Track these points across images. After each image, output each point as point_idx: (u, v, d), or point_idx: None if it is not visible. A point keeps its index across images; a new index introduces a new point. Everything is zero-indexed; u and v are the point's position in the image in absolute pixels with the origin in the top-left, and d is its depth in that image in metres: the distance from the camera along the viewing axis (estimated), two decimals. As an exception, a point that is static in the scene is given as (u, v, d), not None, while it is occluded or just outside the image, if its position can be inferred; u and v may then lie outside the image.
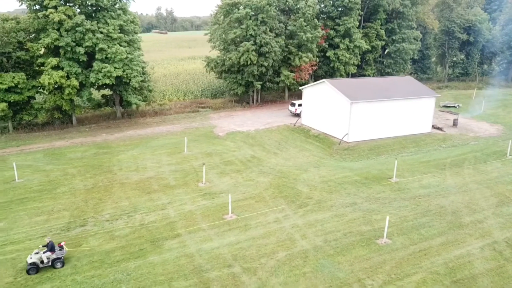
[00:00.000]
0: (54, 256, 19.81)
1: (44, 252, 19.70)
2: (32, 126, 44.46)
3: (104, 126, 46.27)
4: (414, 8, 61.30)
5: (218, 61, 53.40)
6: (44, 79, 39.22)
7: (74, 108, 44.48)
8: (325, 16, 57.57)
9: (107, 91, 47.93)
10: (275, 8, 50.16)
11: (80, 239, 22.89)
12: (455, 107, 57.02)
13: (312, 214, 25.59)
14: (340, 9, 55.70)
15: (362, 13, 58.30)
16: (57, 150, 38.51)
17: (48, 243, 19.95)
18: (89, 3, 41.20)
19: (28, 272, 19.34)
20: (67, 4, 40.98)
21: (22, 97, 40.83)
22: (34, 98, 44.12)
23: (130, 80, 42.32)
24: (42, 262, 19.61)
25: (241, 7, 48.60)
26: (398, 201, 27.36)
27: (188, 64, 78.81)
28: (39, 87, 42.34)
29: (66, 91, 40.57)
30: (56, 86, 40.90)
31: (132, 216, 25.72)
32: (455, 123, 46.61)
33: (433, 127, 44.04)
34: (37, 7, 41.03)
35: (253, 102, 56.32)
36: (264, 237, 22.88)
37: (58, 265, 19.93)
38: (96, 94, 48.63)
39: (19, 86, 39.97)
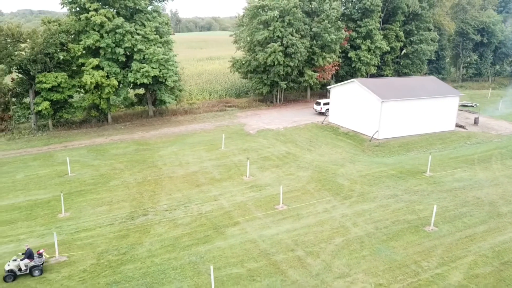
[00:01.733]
0: (32, 263, 19.51)
1: (22, 260, 19.45)
2: (70, 124, 46.22)
3: (138, 124, 48.04)
4: (432, 10, 63.04)
5: (244, 62, 55.15)
6: (87, 78, 40.96)
7: (110, 107, 46.20)
8: (345, 18, 59.15)
9: (140, 91, 49.65)
10: (301, 11, 51.87)
11: (147, 227, 24.61)
12: (472, 106, 58.65)
13: (357, 204, 27.30)
14: (361, 11, 57.37)
15: (382, 15, 60.00)
16: (99, 147, 40.25)
17: (26, 251, 19.64)
18: (128, 6, 42.79)
19: (5, 279, 19.08)
20: (106, 7, 42.71)
21: (63, 96, 42.57)
22: (72, 97, 45.80)
23: (166, 79, 44.08)
24: (20, 269, 19.38)
25: (268, 10, 50.29)
26: (436, 193, 29.04)
27: (207, 64, 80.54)
28: (78, 86, 44.11)
29: (106, 90, 42.32)
30: (95, 85, 42.50)
31: (188, 206, 27.44)
32: (476, 122, 48.25)
33: (456, 125, 45.70)
34: (77, 9, 42.79)
35: (276, 101, 58.09)
36: (318, 225, 24.59)
37: (36, 272, 19.52)
38: (130, 93, 50.30)
39: (62, 85, 41.72)
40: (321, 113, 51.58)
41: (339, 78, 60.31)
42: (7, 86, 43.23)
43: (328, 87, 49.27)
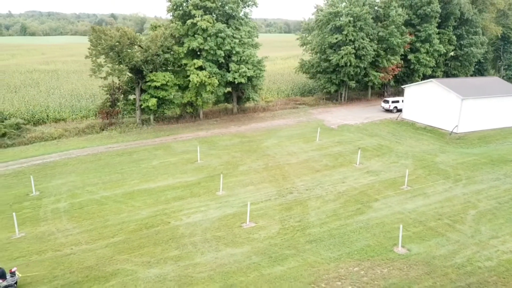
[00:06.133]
0: (5, 283, 18.84)
1: None
2: (169, 119, 50.83)
3: (227, 120, 52.61)
4: (481, 16, 67.53)
5: (313, 63, 59.73)
6: (193, 77, 45.52)
7: (203, 104, 50.72)
8: (405, 23, 63.43)
9: (228, 89, 54.15)
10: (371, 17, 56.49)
11: (302, 201, 29.03)
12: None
13: (470, 186, 31.70)
14: (420, 17, 61.79)
15: (439, 20, 64.44)
16: (205, 139, 44.73)
17: None
18: (227, 12, 47.39)
19: None
20: (207, 13, 47.28)
21: (167, 93, 47.12)
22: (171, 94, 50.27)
23: (258, 79, 48.65)
24: None
25: (342, 16, 54.84)
26: (533, 177, 33.50)
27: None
28: (177, 85, 48.65)
29: (207, 89, 46.87)
30: (198, 84, 46.97)
31: (323, 186, 31.87)
32: (534, 118, 52.63)
33: (519, 121, 50.16)
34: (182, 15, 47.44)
35: (341, 99, 62.64)
36: (447, 201, 29.00)
37: None
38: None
39: (168, 84, 46.31)
40: (388, 110, 56.08)
41: (397, 78, 64.81)
42: (116, 84, 47.86)
43: (402, 86, 53.81)
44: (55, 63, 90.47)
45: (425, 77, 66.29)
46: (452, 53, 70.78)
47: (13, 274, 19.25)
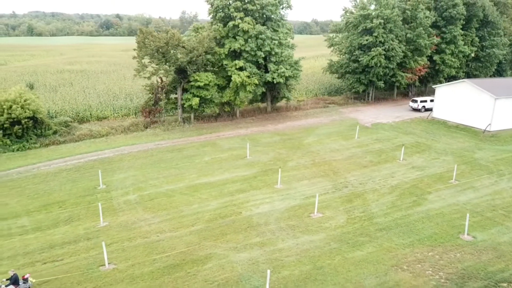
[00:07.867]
0: None
1: (7, 286, 18.65)
2: (208, 117, 52.59)
3: (262, 119, 54.35)
4: (502, 18, 69.31)
5: (342, 64, 61.50)
6: (235, 78, 47.29)
7: (240, 103, 52.46)
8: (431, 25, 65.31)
9: (263, 89, 55.90)
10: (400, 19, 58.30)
11: (359, 195, 30.72)
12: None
13: (515, 180, 33.50)
14: (445, 19, 63.55)
15: (464, 22, 66.22)
16: (247, 136, 46.40)
17: (12, 276, 18.79)
18: (266, 15, 49.19)
19: None
20: (247, 16, 49.03)
21: (209, 93, 48.86)
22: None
23: (295, 79, 50.41)
24: None
25: (373, 18, 56.59)
26: None
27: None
28: (217, 85, 50.41)
29: (247, 88, 48.63)
30: (238, 84, 48.69)
31: (374, 181, 33.57)
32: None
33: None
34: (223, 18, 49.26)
35: (369, 99, 64.41)
36: (496, 194, 30.73)
37: None
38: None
39: (210, 84, 48.07)
40: (416, 110, 57.84)
41: (420, 79, 66.56)
42: (158, 84, 49.64)
43: (433, 86, 55.61)
44: (80, 64, 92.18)
45: (448, 77, 68.09)
46: (473, 54, 72.52)
47: (25, 280, 19.01)
